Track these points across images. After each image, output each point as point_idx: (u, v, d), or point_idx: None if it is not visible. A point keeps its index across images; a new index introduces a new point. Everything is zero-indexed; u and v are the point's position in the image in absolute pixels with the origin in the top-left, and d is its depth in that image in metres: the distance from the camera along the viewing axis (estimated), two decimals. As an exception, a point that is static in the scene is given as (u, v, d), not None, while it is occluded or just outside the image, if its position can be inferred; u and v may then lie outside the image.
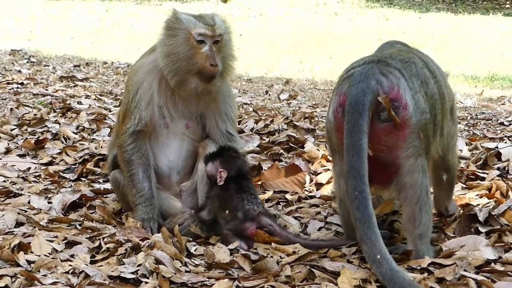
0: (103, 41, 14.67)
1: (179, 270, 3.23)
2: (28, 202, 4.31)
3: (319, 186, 4.74)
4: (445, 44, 14.84)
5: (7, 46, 12.09)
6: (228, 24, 4.06)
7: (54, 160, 5.46)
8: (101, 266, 3.30)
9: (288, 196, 4.55)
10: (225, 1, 22.57)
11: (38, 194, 4.52)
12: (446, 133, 3.54)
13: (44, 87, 8.41)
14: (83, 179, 5.01)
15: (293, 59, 12.95)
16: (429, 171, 3.37)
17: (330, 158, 3.84)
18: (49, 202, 4.35)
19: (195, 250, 3.55)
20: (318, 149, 5.38)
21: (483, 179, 4.64)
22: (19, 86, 8.42)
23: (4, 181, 4.83)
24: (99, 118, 6.56)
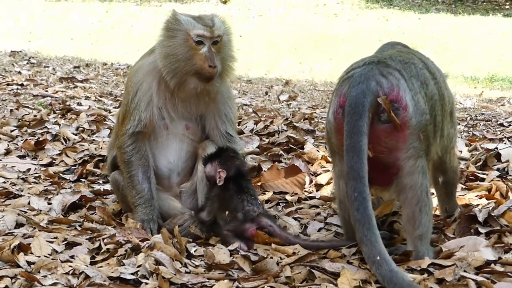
0: (103, 42, 14.66)
1: (179, 271, 3.23)
2: (28, 203, 4.31)
3: (319, 187, 4.74)
4: (444, 45, 14.84)
5: (7, 47, 12.08)
6: (228, 25, 4.05)
7: (54, 161, 5.46)
8: (101, 267, 3.30)
9: (288, 197, 4.55)
10: (224, 2, 22.57)
11: (38, 195, 4.52)
12: (446, 134, 3.54)
13: (44, 88, 8.42)
14: (83, 180, 5.01)
15: (292, 60, 12.95)
16: (429, 172, 3.37)
17: (330, 159, 3.83)
18: (49, 203, 4.35)
19: (195, 251, 3.54)
20: (318, 150, 5.38)
21: (482, 180, 4.64)
22: (19, 87, 8.42)
23: (4, 182, 4.84)
24: (99, 119, 6.56)
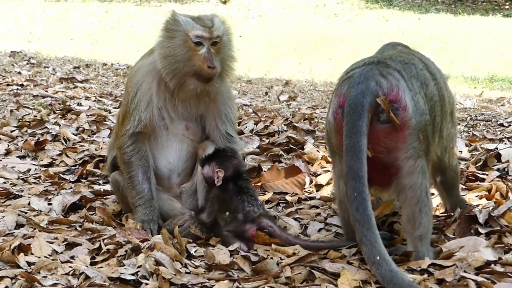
0: (103, 42, 14.66)
1: (179, 271, 3.23)
2: (28, 204, 4.31)
3: (319, 187, 4.74)
4: (444, 45, 14.84)
5: (7, 47, 12.09)
6: (228, 26, 4.05)
7: (54, 161, 5.46)
8: (101, 267, 3.30)
9: (288, 197, 4.55)
10: (224, 2, 22.57)
11: (38, 195, 4.52)
12: (445, 135, 3.53)
13: (44, 88, 8.42)
14: (83, 180, 5.02)
15: (292, 61, 12.95)
16: (428, 173, 3.37)
17: (330, 160, 3.83)
18: (49, 204, 4.35)
19: (195, 252, 3.55)
20: (318, 150, 5.38)
21: (482, 180, 4.64)
22: (19, 87, 8.42)
23: (4, 182, 4.84)
24: (99, 120, 6.56)
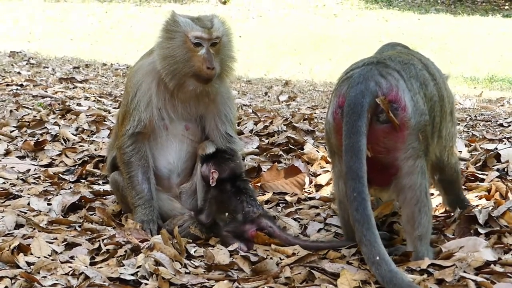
0: (103, 42, 14.67)
1: (179, 271, 3.23)
2: (28, 204, 4.31)
3: (318, 187, 4.74)
4: (444, 46, 14.85)
5: (7, 47, 12.09)
6: (228, 26, 4.05)
7: (53, 161, 5.46)
8: (100, 267, 3.30)
9: (287, 197, 4.55)
10: (224, 2, 22.58)
11: (38, 195, 4.52)
12: (445, 135, 3.53)
13: (44, 88, 8.42)
14: (83, 180, 5.01)
15: (292, 61, 12.95)
16: (428, 173, 3.37)
17: (330, 160, 3.83)
18: (48, 204, 4.34)
19: (194, 252, 3.55)
20: (317, 150, 5.38)
21: (482, 180, 4.63)
22: (19, 87, 8.42)
23: (4, 182, 4.83)
24: (99, 120, 6.56)
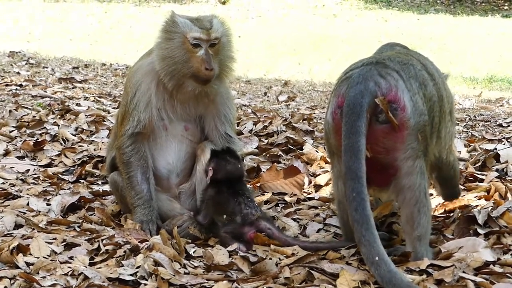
0: (102, 43, 14.67)
1: (178, 272, 3.23)
2: (27, 204, 4.30)
3: (317, 188, 4.73)
4: (443, 46, 14.85)
5: (6, 47, 12.08)
6: (227, 27, 4.04)
7: (53, 162, 5.46)
8: (100, 268, 3.30)
9: (287, 198, 4.55)
10: (223, 2, 22.58)
11: (37, 196, 4.51)
12: (444, 135, 3.53)
13: (43, 89, 8.41)
14: (82, 181, 5.01)
15: (291, 61, 12.96)
16: (427, 173, 3.37)
17: (329, 160, 3.83)
18: (48, 204, 4.34)
19: (194, 252, 3.54)
20: (316, 150, 5.38)
21: (481, 180, 4.64)
22: (18, 87, 8.42)
23: (3, 183, 4.83)
24: (98, 120, 6.56)
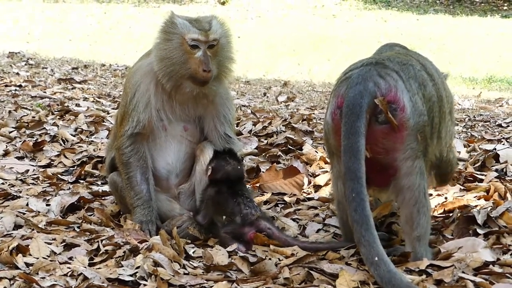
0: (101, 43, 14.67)
1: (178, 272, 3.23)
2: (27, 205, 4.30)
3: (317, 188, 4.73)
4: (443, 46, 14.87)
5: (5, 48, 12.09)
6: (227, 27, 4.04)
7: (52, 162, 5.46)
8: (99, 268, 3.30)
9: (286, 198, 4.55)
10: (223, 3, 22.58)
11: (37, 196, 4.51)
12: (444, 135, 3.53)
13: (42, 89, 8.42)
14: (82, 181, 5.01)
15: (291, 61, 12.96)
16: (427, 173, 3.37)
17: (328, 160, 3.83)
18: (47, 205, 4.34)
19: (193, 252, 3.54)
20: (316, 151, 5.39)
21: (481, 181, 4.64)
22: (17, 88, 8.42)
23: (3, 183, 4.83)
24: (97, 121, 6.56)
